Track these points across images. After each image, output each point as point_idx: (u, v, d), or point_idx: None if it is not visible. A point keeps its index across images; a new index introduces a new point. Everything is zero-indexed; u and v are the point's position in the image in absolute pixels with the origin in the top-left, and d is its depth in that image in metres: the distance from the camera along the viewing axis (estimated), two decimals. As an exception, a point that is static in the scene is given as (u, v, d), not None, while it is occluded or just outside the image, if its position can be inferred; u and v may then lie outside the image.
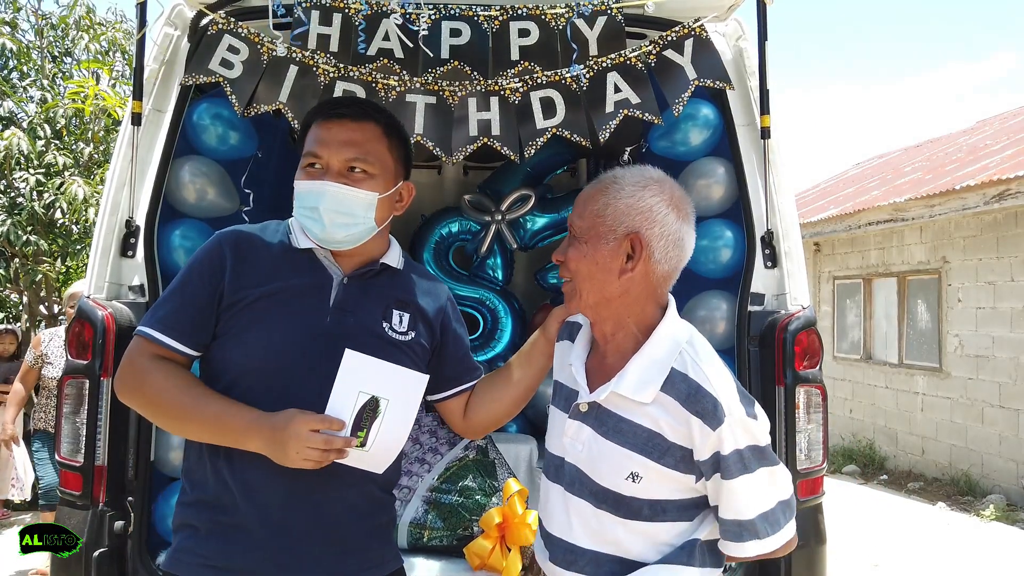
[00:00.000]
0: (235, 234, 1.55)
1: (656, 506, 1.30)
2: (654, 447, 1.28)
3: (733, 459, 1.25)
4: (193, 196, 2.62)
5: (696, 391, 1.26)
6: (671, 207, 1.34)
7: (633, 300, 1.35)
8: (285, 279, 1.49)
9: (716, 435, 1.24)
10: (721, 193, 2.73)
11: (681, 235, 1.35)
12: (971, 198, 7.15)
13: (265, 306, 1.47)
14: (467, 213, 3.66)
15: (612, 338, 1.39)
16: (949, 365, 7.79)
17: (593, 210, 1.36)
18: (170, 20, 2.57)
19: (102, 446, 2.29)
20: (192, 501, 1.48)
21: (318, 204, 1.47)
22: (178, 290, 1.50)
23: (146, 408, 1.49)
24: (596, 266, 1.34)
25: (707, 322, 2.68)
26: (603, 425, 1.33)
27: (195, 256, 1.53)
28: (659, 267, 1.34)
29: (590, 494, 1.34)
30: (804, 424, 2.39)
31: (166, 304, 1.49)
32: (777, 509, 1.29)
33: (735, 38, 2.69)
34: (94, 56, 7.44)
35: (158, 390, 1.43)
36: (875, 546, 5.73)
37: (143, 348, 1.46)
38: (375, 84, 2.42)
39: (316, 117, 1.55)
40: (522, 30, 2.48)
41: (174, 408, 1.43)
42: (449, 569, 2.51)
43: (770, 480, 1.28)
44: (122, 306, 2.39)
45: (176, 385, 1.43)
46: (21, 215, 6.44)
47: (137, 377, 1.45)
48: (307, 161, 1.51)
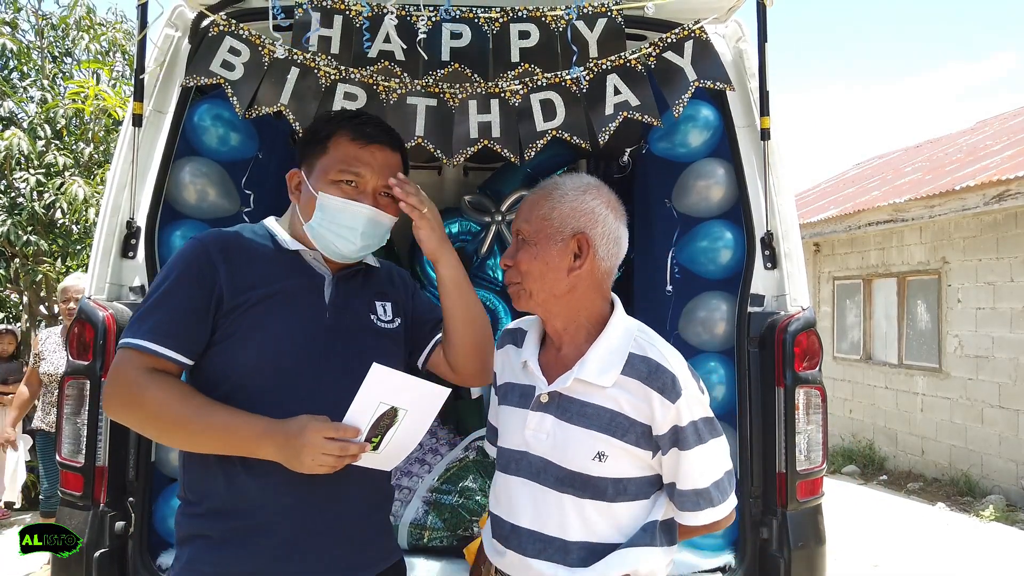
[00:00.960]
0: (218, 237, 1.52)
1: (619, 484, 1.39)
2: (617, 426, 1.38)
3: (690, 430, 1.36)
4: (194, 197, 2.63)
5: (656, 368, 1.38)
6: (609, 209, 1.47)
7: (581, 295, 1.46)
8: (282, 280, 1.51)
9: (675, 408, 1.35)
10: (721, 194, 2.73)
11: (619, 234, 1.48)
12: (971, 198, 7.15)
13: (267, 307, 1.47)
14: (467, 214, 3.67)
15: (564, 332, 1.49)
16: (949, 365, 7.79)
17: (539, 214, 1.47)
18: (171, 21, 2.58)
19: (103, 447, 2.29)
20: (202, 512, 1.46)
21: (356, 225, 1.52)
22: (163, 299, 1.44)
23: (145, 423, 1.43)
24: (546, 266, 1.44)
25: (707, 323, 2.68)
26: (566, 412, 1.42)
27: (175, 263, 1.47)
28: (603, 263, 1.46)
29: (556, 481, 1.41)
30: (804, 425, 2.39)
31: (153, 314, 1.43)
32: (724, 478, 1.42)
33: (735, 40, 2.69)
34: (94, 56, 7.44)
35: (159, 403, 1.38)
36: (875, 546, 5.74)
37: (134, 360, 1.40)
38: (376, 86, 2.42)
39: (348, 133, 1.54)
40: (522, 32, 2.48)
41: (179, 421, 1.38)
42: (449, 569, 2.52)
43: (719, 450, 1.40)
44: (123, 307, 2.39)
45: (177, 397, 1.39)
46: (21, 215, 6.44)
47: (132, 391, 1.39)
48: (344, 178, 1.52)
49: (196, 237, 1.52)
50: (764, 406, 2.44)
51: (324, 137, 1.56)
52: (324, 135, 1.56)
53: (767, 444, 2.42)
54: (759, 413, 2.45)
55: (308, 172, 1.56)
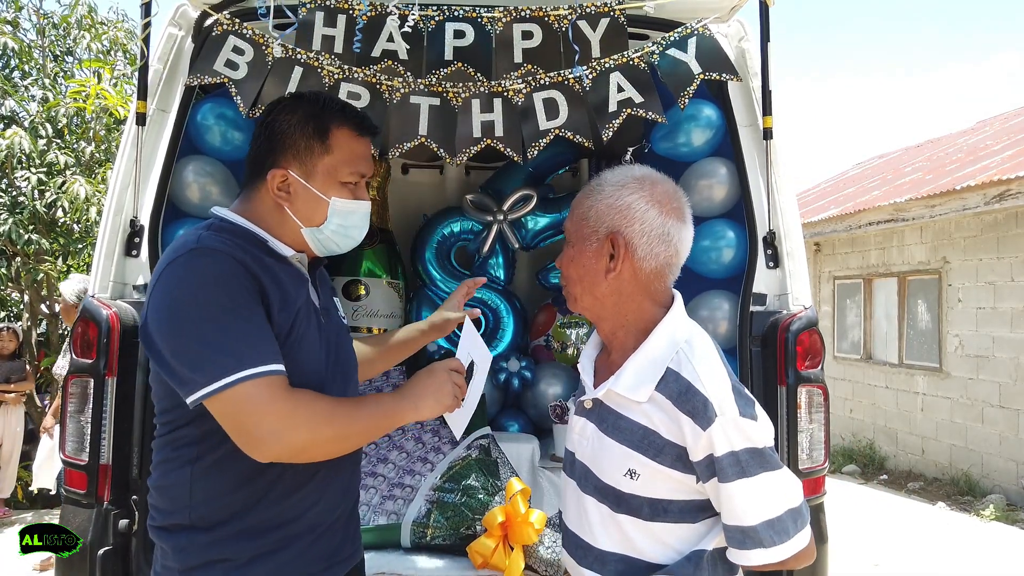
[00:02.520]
0: (240, 253, 1.34)
1: (656, 505, 1.29)
2: (650, 444, 1.27)
3: (728, 462, 1.21)
4: (197, 196, 2.63)
5: (687, 389, 1.24)
6: (652, 203, 1.34)
7: (626, 299, 1.36)
8: (296, 293, 1.41)
9: (707, 436, 1.21)
10: (723, 193, 2.74)
11: (666, 230, 1.33)
12: (971, 198, 7.16)
13: (297, 325, 1.39)
14: (469, 213, 3.67)
15: (614, 337, 1.40)
16: (949, 365, 7.80)
17: (579, 213, 1.39)
18: (174, 20, 2.58)
19: (107, 445, 2.30)
20: (221, 537, 1.35)
21: (364, 224, 1.50)
22: (242, 322, 1.27)
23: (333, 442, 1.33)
24: (584, 268, 1.36)
25: (709, 322, 2.69)
26: (604, 422, 1.34)
27: (223, 286, 1.28)
28: (645, 264, 1.34)
29: (595, 490, 1.35)
30: (806, 424, 2.40)
31: (243, 341, 1.26)
32: (786, 517, 1.23)
33: (737, 39, 2.70)
34: (96, 55, 7.44)
35: (346, 414, 1.32)
36: (875, 546, 5.74)
37: (283, 383, 1.27)
38: (379, 85, 2.43)
39: (346, 127, 1.45)
40: (525, 32, 2.49)
41: (358, 422, 1.33)
42: (452, 568, 2.52)
43: (774, 486, 1.24)
44: (127, 305, 2.40)
45: (348, 403, 1.35)
46: (23, 214, 6.44)
47: (316, 413, 1.28)
48: (355, 179, 1.45)
49: (218, 250, 1.32)
50: (766, 405, 2.43)
51: (322, 133, 1.42)
52: (321, 130, 1.42)
53: (769, 443, 2.42)
54: (761, 412, 2.45)
55: (305, 174, 1.41)
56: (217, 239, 1.34)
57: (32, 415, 6.83)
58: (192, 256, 1.30)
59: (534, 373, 3.53)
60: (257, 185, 1.45)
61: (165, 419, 1.39)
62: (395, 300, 3.69)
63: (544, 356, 3.73)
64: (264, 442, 1.25)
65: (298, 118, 1.43)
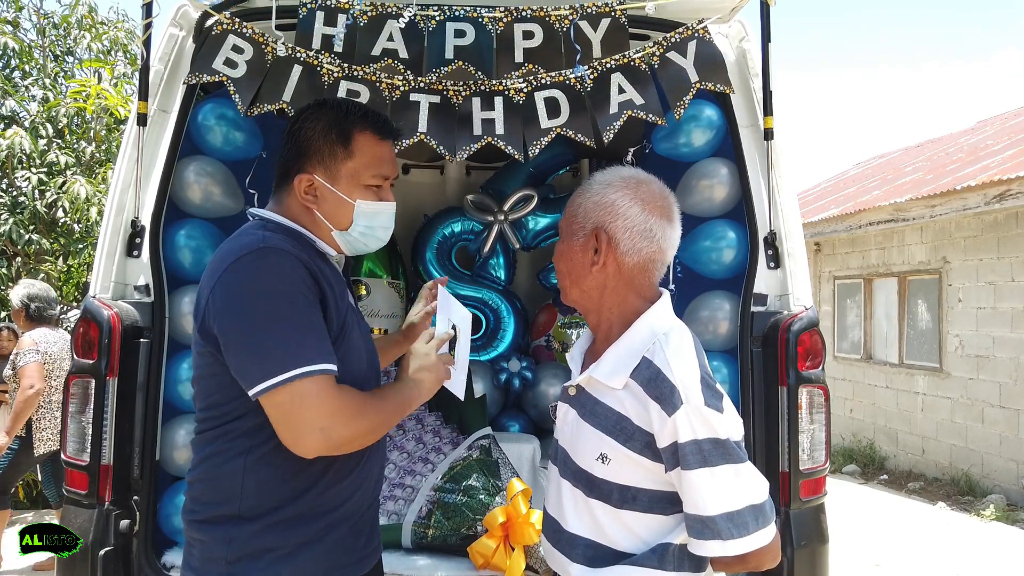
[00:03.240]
0: (301, 252, 1.41)
1: (625, 492, 1.33)
2: (621, 430, 1.32)
3: (691, 449, 1.24)
4: (198, 196, 2.63)
5: (656, 375, 1.29)
6: (635, 201, 1.40)
7: (611, 292, 1.42)
8: (341, 293, 1.50)
9: (672, 421, 1.25)
10: (724, 194, 2.74)
11: (649, 227, 1.39)
12: (972, 198, 7.16)
13: (346, 324, 1.48)
14: (470, 213, 3.67)
15: (599, 328, 1.47)
16: (949, 365, 7.80)
17: (570, 211, 1.47)
18: (175, 21, 2.58)
19: (108, 445, 2.30)
20: (266, 526, 1.39)
21: (390, 224, 1.58)
22: (303, 321, 1.34)
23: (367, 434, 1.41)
24: (572, 262, 1.45)
25: (710, 322, 2.68)
26: (583, 407, 1.40)
27: (289, 284, 1.35)
28: (628, 258, 1.40)
29: (571, 474, 1.41)
30: (807, 424, 2.40)
31: (307, 338, 1.33)
32: (746, 512, 1.26)
33: (738, 39, 2.70)
34: (96, 55, 7.44)
35: (374, 407, 1.42)
36: (876, 546, 5.74)
37: (333, 381, 1.35)
38: (379, 84, 2.43)
39: (371, 132, 1.51)
40: (526, 32, 2.49)
41: (382, 413, 1.43)
42: (453, 568, 2.52)
43: (736, 479, 1.26)
44: (128, 306, 2.40)
45: (367, 396, 1.43)
46: (23, 214, 6.44)
47: (355, 408, 1.36)
48: (378, 182, 1.52)
49: (281, 250, 1.38)
50: (767, 405, 2.44)
51: (345, 138, 1.48)
52: (344, 136, 1.48)
53: (770, 443, 2.42)
54: (762, 412, 2.45)
55: (330, 179, 1.48)
56: (279, 239, 1.41)
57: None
58: (260, 254, 1.37)
59: (535, 373, 3.54)
60: (286, 190, 1.52)
61: (217, 412, 1.43)
62: (395, 300, 3.69)
63: (545, 356, 3.73)
64: (310, 437, 1.31)
65: (322, 125, 1.49)
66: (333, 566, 1.46)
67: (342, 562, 1.47)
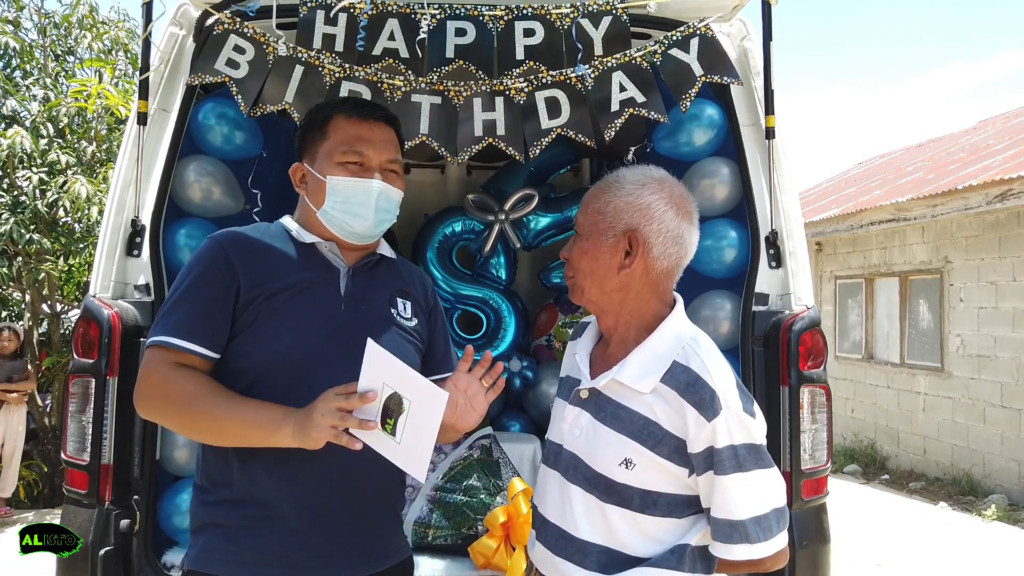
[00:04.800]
0: (231, 235, 1.56)
1: (647, 497, 1.31)
2: (649, 435, 1.30)
3: (727, 455, 1.25)
4: (199, 196, 2.63)
5: (695, 381, 1.28)
6: (670, 204, 1.38)
7: (634, 295, 1.39)
8: (298, 272, 1.53)
9: (711, 427, 1.25)
10: (725, 193, 2.73)
11: (680, 232, 1.38)
12: (973, 198, 7.15)
13: (284, 298, 1.49)
14: (470, 212, 3.66)
15: (615, 330, 1.43)
16: (951, 365, 7.79)
17: (595, 208, 1.42)
18: (176, 20, 2.58)
19: (108, 445, 2.29)
20: (216, 500, 1.47)
21: (369, 201, 1.55)
22: (184, 296, 1.48)
23: (174, 418, 1.46)
24: (596, 262, 1.39)
25: (711, 322, 2.68)
26: (601, 411, 1.36)
27: (193, 262, 1.52)
28: (658, 263, 1.38)
29: (584, 480, 1.36)
30: (808, 424, 2.39)
31: (175, 311, 1.46)
32: (772, 515, 1.28)
33: (739, 38, 2.69)
34: (97, 55, 7.44)
35: (188, 397, 1.40)
36: (878, 546, 5.74)
37: (161, 357, 1.43)
38: (380, 84, 2.42)
39: (344, 114, 1.57)
40: (527, 30, 2.48)
41: (207, 413, 1.39)
42: (454, 568, 2.52)
43: (765, 483, 1.28)
44: (128, 305, 2.39)
45: (203, 390, 1.41)
46: (24, 214, 6.44)
47: (161, 387, 1.42)
48: (348, 159, 1.55)
49: (212, 236, 1.55)
50: (769, 405, 2.43)
51: (321, 123, 1.58)
52: (320, 121, 1.58)
53: (771, 443, 2.40)
54: (763, 412, 2.44)
55: (311, 161, 1.58)
56: (233, 231, 1.57)
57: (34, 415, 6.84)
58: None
59: (536, 373, 3.53)
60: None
61: None
62: (396, 300, 3.68)
63: (546, 356, 3.73)
64: (136, 398, 1.46)
65: (307, 119, 1.63)
66: (278, 562, 1.43)
67: (292, 560, 1.43)
